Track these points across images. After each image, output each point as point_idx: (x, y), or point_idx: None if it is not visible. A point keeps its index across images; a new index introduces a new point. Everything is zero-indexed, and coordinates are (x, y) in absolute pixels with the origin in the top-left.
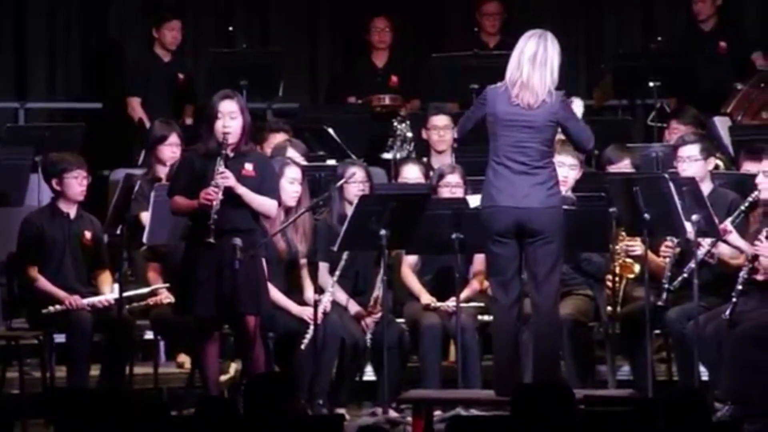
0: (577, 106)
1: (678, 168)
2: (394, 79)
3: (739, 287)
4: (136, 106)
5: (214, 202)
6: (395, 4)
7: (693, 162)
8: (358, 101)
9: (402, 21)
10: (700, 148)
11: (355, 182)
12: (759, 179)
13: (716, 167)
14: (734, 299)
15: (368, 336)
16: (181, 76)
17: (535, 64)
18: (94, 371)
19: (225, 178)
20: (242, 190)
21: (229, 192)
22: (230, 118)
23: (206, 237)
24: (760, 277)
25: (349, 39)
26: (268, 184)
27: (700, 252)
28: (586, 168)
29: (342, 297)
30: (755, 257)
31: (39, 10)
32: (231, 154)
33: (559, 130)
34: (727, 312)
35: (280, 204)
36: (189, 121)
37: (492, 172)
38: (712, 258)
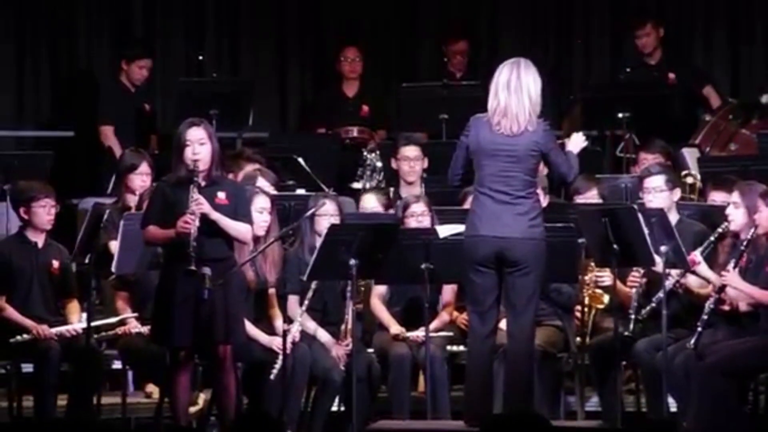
0: (578, 140)
1: (644, 199)
2: (366, 108)
3: (705, 317)
4: (109, 134)
5: (192, 230)
6: (365, 33)
7: (659, 193)
8: (328, 132)
9: (371, 50)
10: (665, 179)
11: (326, 215)
12: (729, 210)
13: (692, 186)
14: (699, 329)
15: (342, 368)
16: (147, 106)
17: (510, 90)
18: (62, 401)
19: (200, 204)
20: (217, 216)
21: (204, 219)
22: (199, 144)
23: (187, 265)
24: (726, 308)
25: (319, 68)
26: (241, 210)
27: (669, 283)
28: (554, 198)
29: (311, 326)
30: (722, 288)
31: (7, 37)
32: (203, 183)
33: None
34: (692, 341)
35: (254, 232)
36: (156, 150)
37: (476, 201)
38: (680, 288)
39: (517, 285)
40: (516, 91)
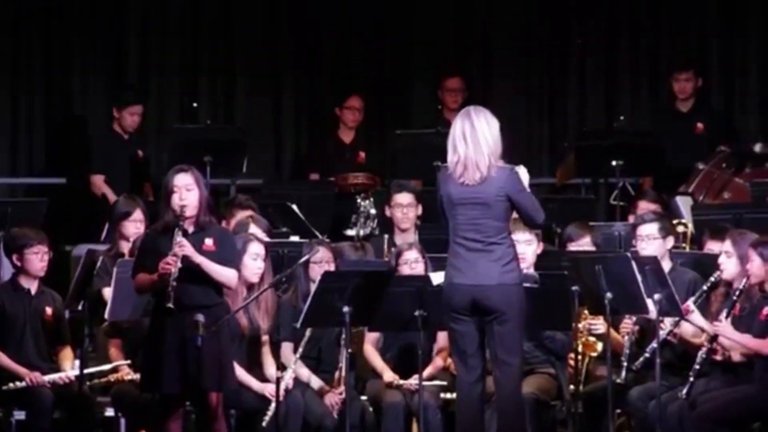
0: (523, 174)
1: (637, 247)
2: (362, 155)
3: (697, 366)
4: (99, 183)
5: (172, 269)
6: (360, 81)
7: (652, 241)
8: (331, 179)
9: (366, 97)
10: (658, 227)
11: (320, 262)
12: (721, 259)
13: (684, 234)
14: (691, 378)
15: (335, 415)
16: (140, 153)
17: (466, 140)
18: None
19: (182, 246)
20: (200, 259)
21: (188, 264)
22: (186, 190)
23: (166, 302)
24: (718, 357)
25: (314, 115)
26: (227, 255)
27: (663, 332)
28: (547, 246)
29: (304, 373)
30: (715, 337)
31: (2, 85)
32: (191, 229)
33: None
34: (685, 391)
35: (240, 275)
36: (150, 197)
37: (450, 250)
38: (674, 337)
39: (496, 333)
40: (472, 141)
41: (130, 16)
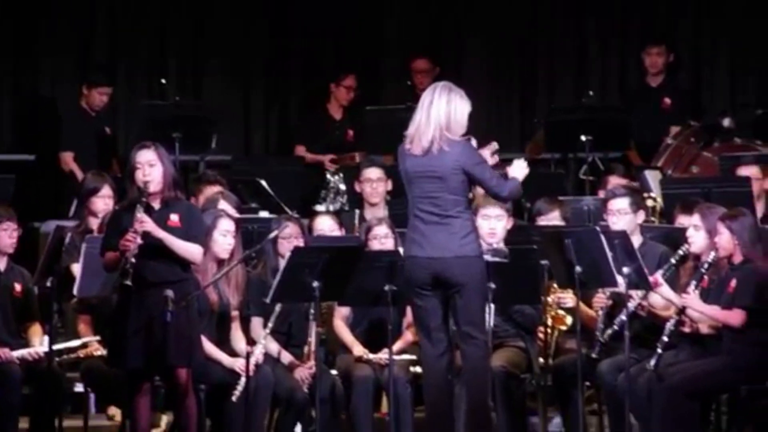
0: (520, 166)
1: (608, 221)
2: (351, 132)
3: (665, 339)
4: (69, 161)
5: (132, 246)
6: (330, 58)
7: (623, 215)
8: (331, 161)
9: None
10: (629, 202)
11: (289, 237)
12: (689, 233)
13: (653, 208)
14: (659, 350)
15: (305, 389)
16: (107, 129)
17: (423, 110)
18: (23, 424)
19: (142, 222)
20: (162, 234)
21: (152, 240)
22: (149, 166)
23: (123, 280)
24: (686, 329)
25: (283, 91)
26: (193, 231)
27: (631, 304)
28: (516, 221)
29: (274, 348)
30: (683, 309)
31: None
32: (156, 206)
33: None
34: (652, 362)
35: (206, 250)
36: (118, 174)
37: (409, 224)
38: (643, 310)
39: (459, 305)
40: (426, 113)
41: None
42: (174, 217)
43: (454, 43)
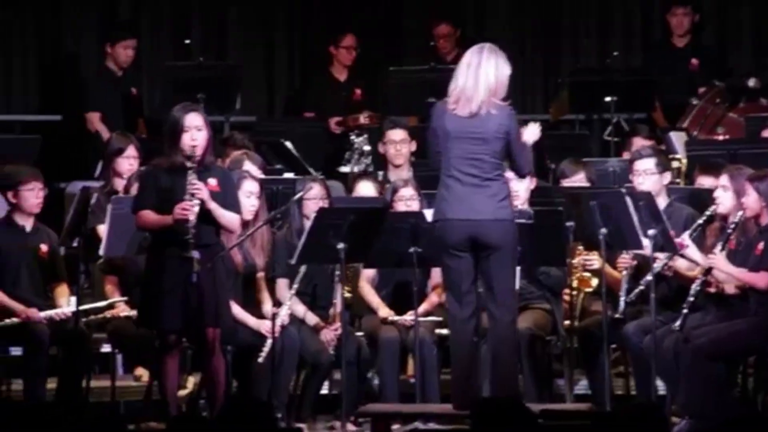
0: (534, 131)
1: (634, 182)
2: (358, 92)
3: (691, 299)
4: (95, 121)
5: (191, 216)
6: (353, 17)
7: (648, 176)
8: (336, 123)
9: (360, 34)
10: (655, 162)
11: (314, 198)
12: (717, 194)
13: (678, 170)
14: (685, 311)
15: (331, 351)
16: (133, 90)
17: (469, 72)
18: (51, 384)
19: (198, 190)
20: (213, 205)
21: (203, 206)
22: (197, 130)
23: (183, 251)
24: (712, 290)
25: (306, 52)
26: (230, 198)
27: (657, 266)
28: (541, 182)
29: (300, 310)
30: (709, 270)
31: None
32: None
33: None
34: (678, 323)
35: (242, 217)
36: (143, 134)
37: (443, 185)
38: (669, 270)
39: (493, 267)
40: (475, 73)
41: None
42: (212, 182)
43: (476, 3)
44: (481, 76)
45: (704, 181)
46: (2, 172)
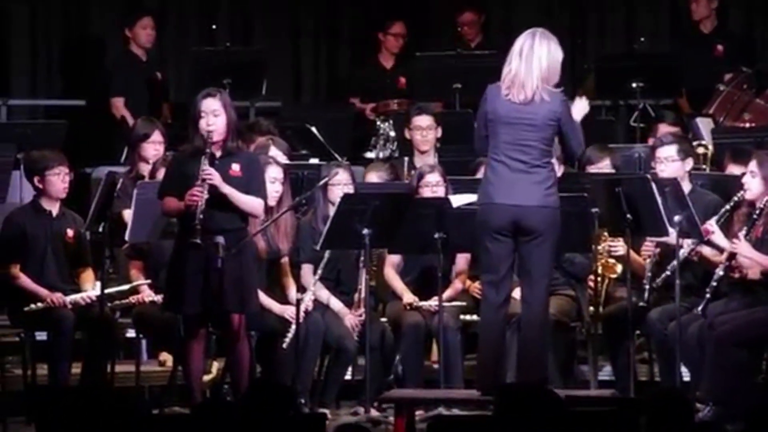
0: (582, 106)
1: (656, 169)
2: (403, 80)
3: (714, 284)
4: (119, 106)
5: (200, 202)
6: (379, 5)
7: (671, 163)
8: (372, 109)
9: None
10: (677, 149)
11: (339, 184)
12: (745, 179)
13: (704, 156)
14: (708, 296)
15: (355, 337)
16: (158, 74)
17: (522, 58)
18: (76, 369)
19: (209, 176)
20: (228, 190)
21: (215, 192)
22: (213, 115)
23: (192, 238)
24: (736, 275)
25: (332, 38)
26: (254, 184)
27: (683, 251)
28: (568, 168)
29: (324, 295)
30: (732, 256)
31: (20, 8)
32: (218, 154)
33: None
34: (700, 308)
35: (266, 203)
36: (169, 120)
37: (490, 169)
38: (696, 255)
39: (533, 254)
40: (527, 59)
41: None
42: (235, 167)
43: None
44: (534, 61)
45: (734, 169)
46: (28, 158)
